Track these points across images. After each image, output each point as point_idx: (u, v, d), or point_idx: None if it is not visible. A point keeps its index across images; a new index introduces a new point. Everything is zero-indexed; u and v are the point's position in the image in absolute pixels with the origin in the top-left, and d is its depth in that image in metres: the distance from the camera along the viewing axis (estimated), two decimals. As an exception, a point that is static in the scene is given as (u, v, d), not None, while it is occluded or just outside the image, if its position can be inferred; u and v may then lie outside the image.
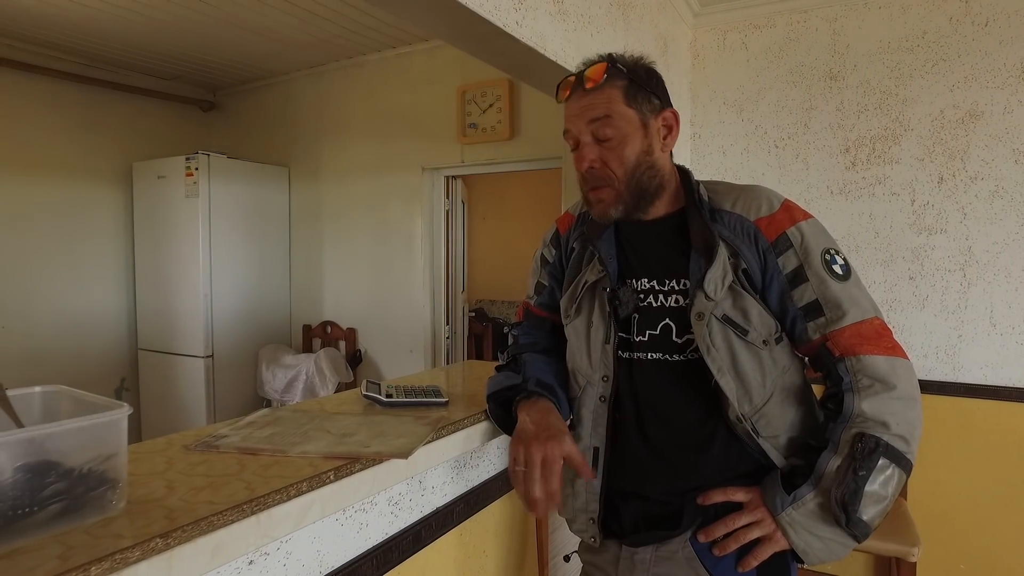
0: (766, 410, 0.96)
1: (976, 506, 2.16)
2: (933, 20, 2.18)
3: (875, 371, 0.89)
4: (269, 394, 3.69)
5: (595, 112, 0.97)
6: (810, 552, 0.91)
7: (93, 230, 3.77)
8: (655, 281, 1.02)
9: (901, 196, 2.25)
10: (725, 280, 0.94)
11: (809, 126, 2.37)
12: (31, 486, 0.59)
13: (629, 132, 0.97)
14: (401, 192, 3.55)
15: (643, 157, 0.99)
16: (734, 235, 0.97)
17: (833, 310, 0.92)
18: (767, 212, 0.97)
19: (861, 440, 0.87)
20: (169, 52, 3.52)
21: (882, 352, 0.91)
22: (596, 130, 0.97)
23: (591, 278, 1.05)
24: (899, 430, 0.87)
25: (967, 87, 2.14)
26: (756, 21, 2.44)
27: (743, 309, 0.94)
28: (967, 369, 2.18)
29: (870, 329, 0.92)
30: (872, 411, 0.88)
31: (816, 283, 0.93)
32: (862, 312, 0.93)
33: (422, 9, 1.27)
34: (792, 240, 0.95)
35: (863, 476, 0.85)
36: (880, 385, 0.89)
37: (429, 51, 3.40)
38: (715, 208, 1.00)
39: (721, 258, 0.94)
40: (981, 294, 2.15)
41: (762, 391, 0.96)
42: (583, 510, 1.08)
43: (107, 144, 3.81)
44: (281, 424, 1.00)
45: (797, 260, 0.94)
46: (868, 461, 0.86)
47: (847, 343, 0.91)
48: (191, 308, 3.55)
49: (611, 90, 0.97)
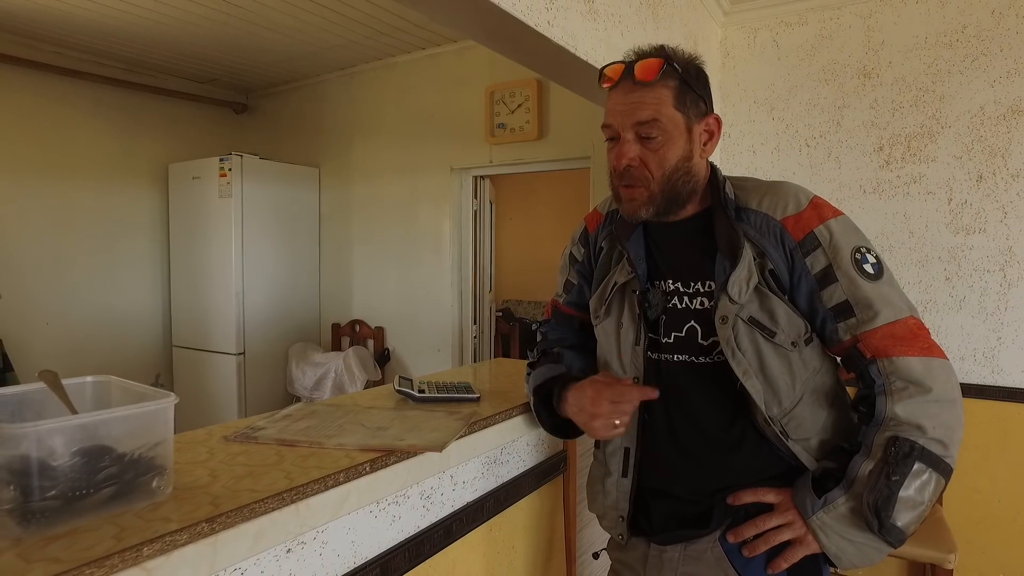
0: (796, 412, 0.95)
1: (1017, 515, 2.09)
2: (974, 14, 2.12)
3: (909, 373, 0.87)
4: (299, 391, 3.76)
5: (643, 114, 0.94)
6: (843, 556, 0.89)
7: (130, 230, 3.89)
8: (680, 283, 1.01)
9: (937, 195, 2.20)
10: (750, 282, 0.93)
11: (842, 124, 2.33)
12: (87, 469, 0.62)
13: (674, 136, 0.95)
14: (430, 192, 3.58)
15: (682, 162, 0.97)
16: (760, 235, 0.95)
17: (864, 311, 0.90)
18: (794, 210, 0.95)
19: (895, 444, 0.85)
20: (204, 56, 3.61)
21: (917, 353, 0.88)
22: (641, 130, 0.95)
23: (621, 279, 1.05)
24: (936, 433, 0.85)
25: (1010, 82, 2.08)
26: (787, 19, 2.41)
27: (770, 311, 0.93)
28: (1007, 372, 2.12)
29: (904, 329, 0.89)
30: (907, 414, 0.86)
31: (846, 283, 0.91)
32: (895, 312, 0.90)
33: (455, 10, 1.28)
34: (820, 239, 0.93)
35: (896, 481, 0.84)
36: (915, 388, 0.87)
37: (458, 52, 3.43)
38: (741, 207, 0.99)
39: (746, 260, 0.93)
40: (1022, 295, 2.09)
41: (791, 393, 0.94)
42: (613, 507, 1.08)
43: (145, 146, 3.92)
44: (316, 417, 1.02)
45: (826, 259, 0.92)
46: (902, 466, 0.84)
47: (879, 344, 0.89)
48: (224, 306, 3.64)
49: (662, 90, 0.94)
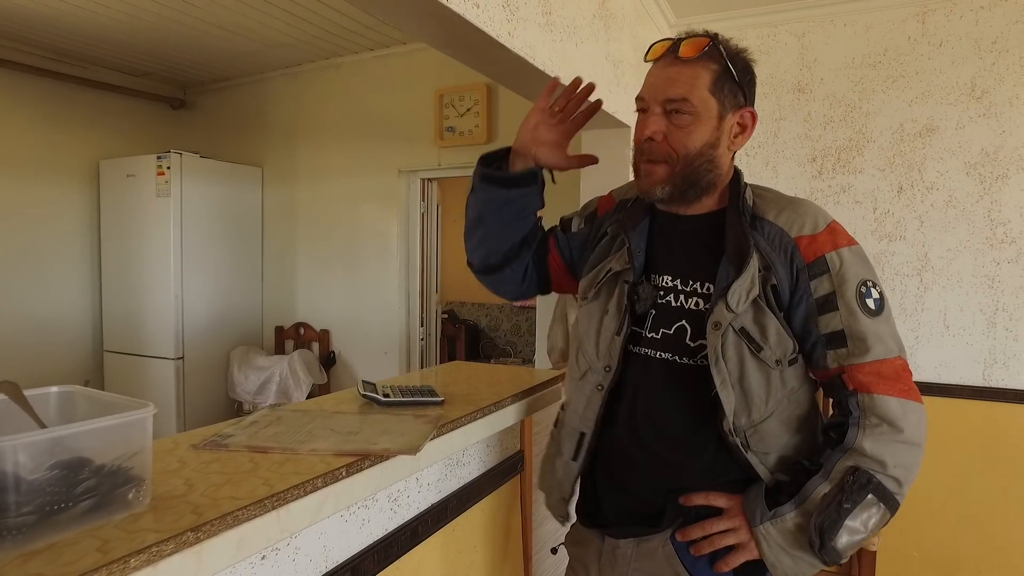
0: (762, 427, 0.95)
1: (929, 498, 2.28)
2: (894, 39, 2.30)
3: (886, 412, 0.88)
4: (241, 396, 3.65)
5: (676, 91, 0.94)
6: (778, 567, 0.91)
7: (57, 229, 3.68)
8: (679, 280, 1.00)
9: (864, 204, 2.36)
10: (751, 293, 0.92)
11: (779, 136, 2.47)
12: (66, 483, 0.61)
13: (703, 119, 0.95)
14: (377, 194, 3.56)
15: (707, 149, 0.96)
16: (771, 247, 0.94)
17: (857, 344, 0.91)
18: (810, 231, 0.94)
19: (854, 474, 0.87)
20: (138, 48, 3.46)
21: (897, 394, 0.89)
22: (670, 106, 0.95)
23: (616, 267, 1.04)
24: (895, 472, 0.87)
25: (924, 103, 2.26)
26: (728, 33, 2.48)
27: (762, 325, 0.93)
28: (923, 368, 2.30)
29: (890, 369, 0.90)
30: (873, 450, 0.88)
31: (845, 314, 0.91)
32: (886, 351, 0.91)
33: (419, 18, 1.30)
34: (830, 265, 0.92)
35: (847, 509, 0.86)
36: (888, 426, 0.88)
37: (407, 54, 3.42)
38: (757, 215, 0.97)
39: (751, 270, 0.92)
40: (936, 298, 2.28)
41: (763, 408, 0.94)
42: (557, 488, 1.11)
43: (73, 141, 3.72)
44: (284, 423, 1.02)
45: (831, 286, 0.92)
46: (856, 495, 0.86)
47: (864, 379, 0.90)
48: (161, 309, 3.50)
49: (702, 70, 0.94)
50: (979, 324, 2.22)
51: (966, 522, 2.26)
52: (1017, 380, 2.18)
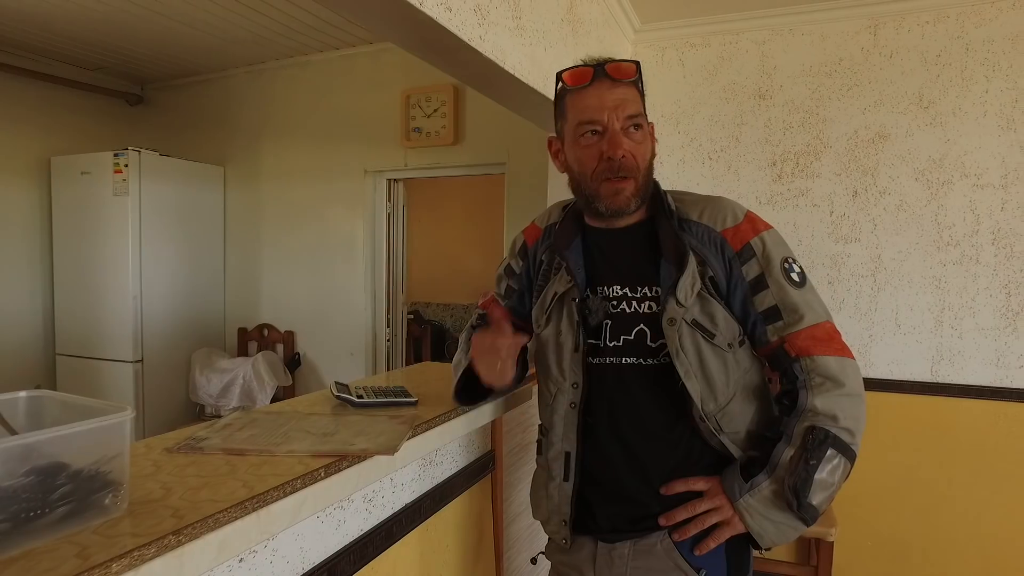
0: (729, 408, 1.02)
1: (883, 489, 2.38)
2: (848, 49, 2.39)
3: (827, 370, 0.97)
4: (203, 399, 3.57)
5: (632, 108, 1.01)
6: (764, 535, 0.97)
7: (3, 227, 3.53)
8: (627, 288, 1.05)
9: (821, 207, 2.45)
10: (695, 287, 1.00)
11: (740, 140, 2.55)
12: (42, 488, 0.60)
13: (647, 134, 1.05)
14: (342, 194, 3.53)
15: (652, 161, 1.06)
16: (702, 244, 1.03)
17: (790, 314, 0.99)
18: (732, 224, 1.04)
19: (812, 432, 0.94)
20: (89, 40, 3.34)
21: (833, 353, 0.98)
22: (628, 123, 1.02)
23: (560, 288, 1.08)
24: (846, 424, 0.95)
25: (876, 111, 2.36)
26: (692, 40, 2.60)
27: (710, 314, 1.00)
28: (876, 366, 2.40)
29: (823, 332, 0.99)
30: (823, 406, 0.95)
31: (776, 289, 1.00)
32: (816, 316, 1.00)
33: (391, 21, 1.30)
34: (755, 249, 1.02)
35: (813, 465, 0.93)
36: (831, 383, 0.96)
37: (374, 54, 3.40)
38: (683, 218, 1.06)
39: (691, 267, 1.00)
40: (888, 298, 2.38)
41: (726, 391, 1.02)
42: (556, 512, 1.12)
43: (22, 137, 3.58)
44: (259, 425, 1.01)
45: (759, 268, 1.01)
46: (818, 451, 0.93)
47: (802, 344, 0.98)
48: (119, 311, 3.39)
49: (635, 89, 1.03)
50: (927, 323, 2.33)
51: (915, 510, 2.36)
52: (961, 376, 2.30)
